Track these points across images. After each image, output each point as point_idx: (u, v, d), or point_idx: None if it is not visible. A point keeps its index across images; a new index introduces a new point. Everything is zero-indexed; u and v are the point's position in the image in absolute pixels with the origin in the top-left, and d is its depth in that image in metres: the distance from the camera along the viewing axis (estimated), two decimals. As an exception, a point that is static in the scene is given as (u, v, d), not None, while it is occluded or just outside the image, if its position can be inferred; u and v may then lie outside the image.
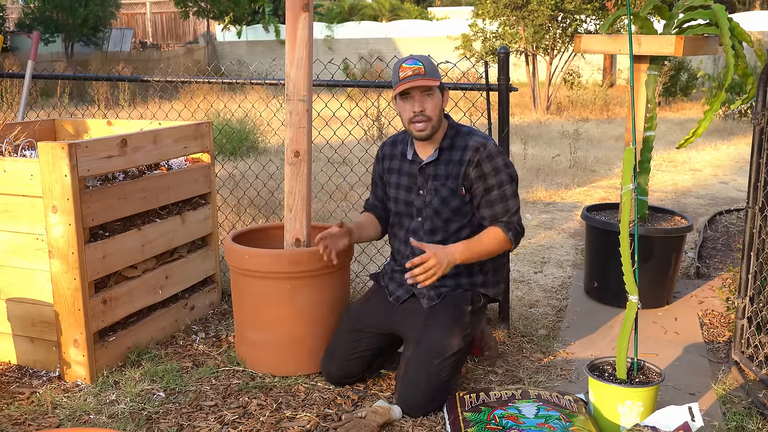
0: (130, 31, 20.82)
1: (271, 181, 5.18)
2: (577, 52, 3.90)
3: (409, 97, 2.65)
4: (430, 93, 2.64)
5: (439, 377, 2.56)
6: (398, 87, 2.64)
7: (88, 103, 11.11)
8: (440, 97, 2.70)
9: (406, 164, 2.83)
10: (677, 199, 6.21)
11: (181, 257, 3.35)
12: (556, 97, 12.75)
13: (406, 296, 2.78)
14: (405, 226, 2.82)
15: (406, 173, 2.82)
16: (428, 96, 2.64)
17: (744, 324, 2.94)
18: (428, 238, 2.73)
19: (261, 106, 8.02)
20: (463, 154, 2.71)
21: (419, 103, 2.64)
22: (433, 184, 2.74)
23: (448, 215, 2.73)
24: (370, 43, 20.30)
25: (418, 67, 2.63)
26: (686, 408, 2.23)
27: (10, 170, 2.76)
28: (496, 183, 2.68)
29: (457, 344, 2.61)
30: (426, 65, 2.64)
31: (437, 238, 2.74)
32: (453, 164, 2.72)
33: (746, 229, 2.89)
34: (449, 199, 2.71)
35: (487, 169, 2.67)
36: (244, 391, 2.76)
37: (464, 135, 2.75)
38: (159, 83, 4.18)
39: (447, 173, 2.72)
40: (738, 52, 3.35)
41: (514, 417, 2.36)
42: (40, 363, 2.93)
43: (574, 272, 4.25)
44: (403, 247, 2.83)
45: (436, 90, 2.66)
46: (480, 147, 2.68)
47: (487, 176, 2.68)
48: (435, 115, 2.67)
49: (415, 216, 2.79)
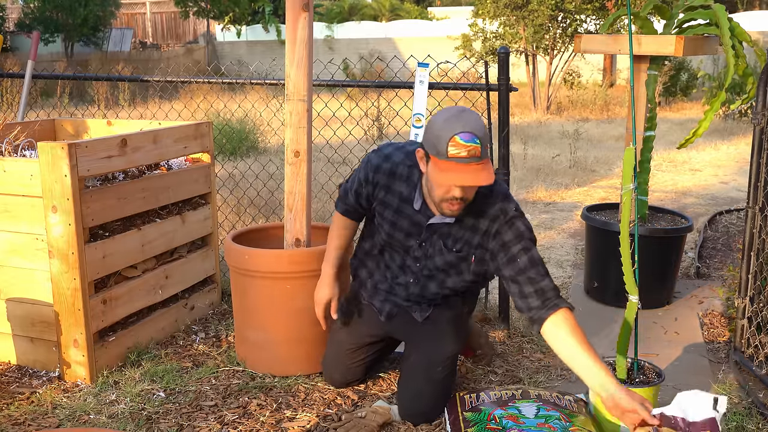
0: (130, 31, 20.82)
1: (271, 181, 5.18)
2: (577, 52, 3.90)
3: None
4: None
5: (441, 383, 2.55)
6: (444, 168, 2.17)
7: (88, 103, 11.11)
8: None
9: (408, 208, 2.45)
10: (677, 199, 6.21)
11: (181, 257, 3.35)
12: (556, 97, 12.74)
13: (396, 310, 2.63)
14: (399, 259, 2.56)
15: (407, 218, 2.46)
16: None
17: (744, 324, 2.94)
18: (425, 281, 2.53)
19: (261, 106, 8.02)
20: (478, 222, 2.38)
21: (468, 190, 2.25)
22: (439, 242, 2.44)
23: (449, 273, 2.50)
24: (370, 43, 20.30)
25: (475, 147, 2.14)
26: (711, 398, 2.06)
27: (10, 170, 2.76)
28: (522, 248, 2.33)
29: (455, 347, 2.60)
30: (483, 141, 2.16)
31: (432, 288, 2.54)
32: (466, 229, 2.41)
33: (746, 229, 2.88)
34: (456, 263, 2.46)
35: (509, 237, 2.34)
36: (244, 391, 2.76)
37: (483, 198, 2.36)
38: (159, 83, 4.18)
39: (458, 237, 2.41)
40: (738, 52, 3.35)
41: (514, 417, 2.36)
42: (40, 363, 2.93)
43: (574, 272, 4.25)
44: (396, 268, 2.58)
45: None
46: (500, 215, 2.36)
47: (509, 244, 2.34)
48: (472, 197, 2.30)
49: (411, 261, 2.53)
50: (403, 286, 2.58)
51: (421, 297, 2.58)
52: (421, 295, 2.57)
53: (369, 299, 2.69)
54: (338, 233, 2.73)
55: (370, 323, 2.70)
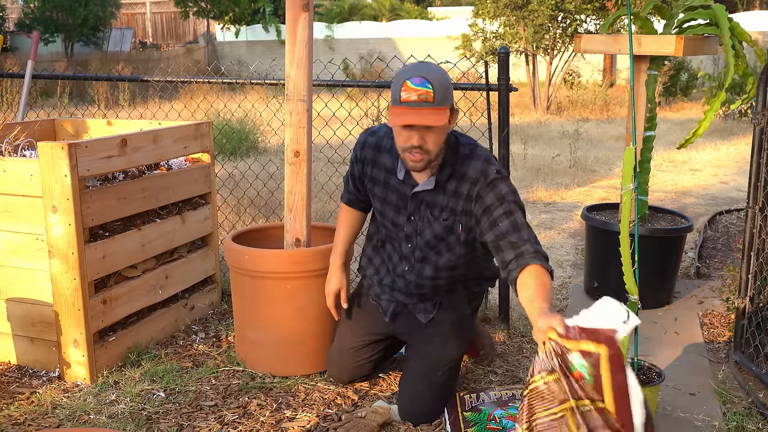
0: (130, 31, 20.82)
1: (271, 181, 5.18)
2: (577, 52, 3.90)
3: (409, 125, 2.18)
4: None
5: (441, 386, 2.55)
6: (395, 113, 2.15)
7: (88, 103, 11.11)
8: (447, 124, 2.20)
9: (394, 180, 2.43)
10: (677, 199, 6.21)
11: (181, 257, 3.35)
12: (556, 97, 12.75)
13: (400, 309, 2.62)
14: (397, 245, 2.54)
15: (394, 190, 2.44)
16: (432, 128, 2.18)
17: (744, 324, 2.94)
18: (419, 267, 2.49)
19: (261, 106, 8.02)
20: (460, 185, 2.33)
21: (419, 135, 2.17)
22: (426, 213, 2.40)
23: (440, 248, 2.44)
24: (370, 43, 20.30)
25: (426, 92, 2.11)
26: (623, 309, 1.78)
27: (10, 170, 2.76)
28: (504, 212, 2.26)
29: (458, 351, 2.60)
30: (436, 87, 2.12)
31: (427, 271, 2.49)
32: (450, 196, 2.36)
33: (746, 229, 2.88)
34: (444, 235, 2.40)
35: (490, 199, 2.27)
36: (244, 391, 2.76)
37: (463, 160, 2.33)
38: (159, 83, 4.18)
39: (443, 205, 2.37)
40: (738, 52, 3.35)
41: (514, 417, 2.36)
42: (40, 363, 2.93)
43: (574, 272, 4.25)
44: (396, 257, 2.56)
45: (443, 117, 2.18)
46: (480, 177, 2.29)
47: (491, 208, 2.27)
48: (435, 148, 2.22)
49: (403, 240, 2.49)
50: (401, 277, 2.56)
51: (419, 287, 2.54)
52: (419, 284, 2.53)
53: (376, 298, 2.69)
54: (345, 224, 2.74)
55: (375, 322, 2.70)
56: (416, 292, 2.58)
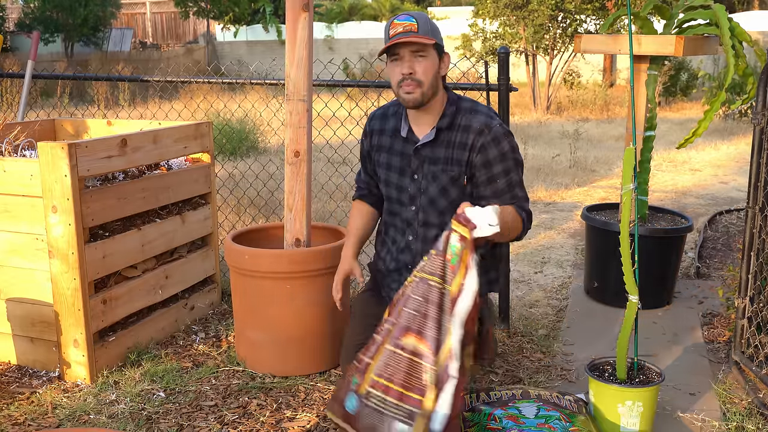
0: (130, 31, 20.83)
1: (271, 181, 5.18)
2: (577, 52, 3.90)
3: (398, 57, 2.31)
4: (423, 54, 2.29)
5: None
6: (386, 45, 2.31)
7: (88, 103, 11.11)
8: (436, 59, 2.34)
9: (398, 142, 2.49)
10: (677, 199, 6.21)
11: (181, 257, 3.35)
12: (556, 97, 12.75)
13: None
14: (399, 214, 2.53)
15: (398, 152, 2.48)
16: (420, 57, 2.30)
17: (744, 324, 2.94)
18: (423, 231, 2.46)
19: (261, 106, 8.03)
20: (464, 137, 2.38)
21: (408, 64, 2.29)
22: (429, 168, 2.42)
23: (444, 206, 2.42)
24: (370, 43, 20.30)
25: (410, 24, 2.29)
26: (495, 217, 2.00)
27: (10, 170, 2.76)
28: (503, 170, 2.36)
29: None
30: (420, 22, 2.30)
31: (431, 233, 2.45)
32: (453, 147, 2.39)
33: (746, 229, 2.88)
34: (448, 187, 2.41)
35: (493, 154, 2.35)
36: (244, 391, 2.76)
37: (466, 112, 2.41)
38: (159, 83, 4.18)
39: (447, 157, 2.40)
40: (738, 52, 3.35)
41: (514, 417, 2.36)
42: (40, 363, 2.93)
43: (574, 272, 4.25)
44: (399, 236, 2.54)
45: (431, 51, 2.31)
46: (484, 129, 2.36)
47: (492, 162, 2.35)
48: (427, 79, 2.32)
49: (407, 204, 2.47)
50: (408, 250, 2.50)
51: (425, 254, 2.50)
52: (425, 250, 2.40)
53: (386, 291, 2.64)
54: (356, 215, 2.69)
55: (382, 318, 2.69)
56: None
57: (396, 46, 2.29)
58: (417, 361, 1.96)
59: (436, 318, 1.98)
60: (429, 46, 2.30)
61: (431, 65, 2.32)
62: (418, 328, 1.99)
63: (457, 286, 1.99)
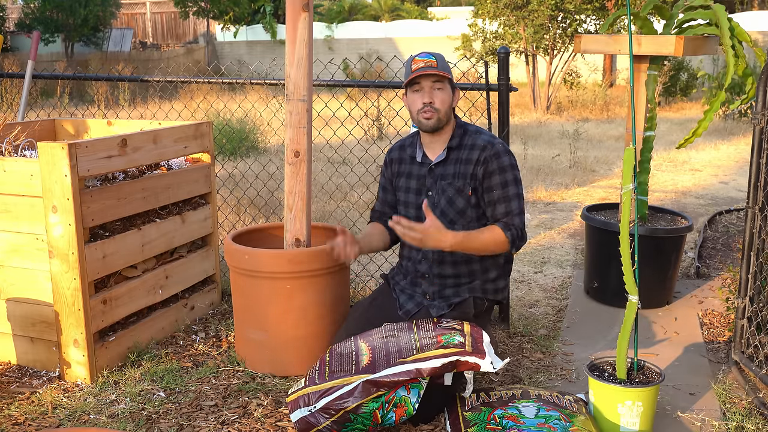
0: (130, 31, 20.83)
1: (271, 181, 5.18)
2: (577, 52, 3.90)
3: (420, 88, 2.69)
4: (440, 87, 2.68)
5: (442, 387, 2.55)
6: (409, 80, 2.70)
7: (88, 103, 11.12)
8: (450, 93, 2.73)
9: (415, 167, 2.84)
10: (677, 199, 6.22)
11: (181, 257, 3.35)
12: (556, 97, 12.75)
13: (417, 310, 2.74)
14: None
15: (415, 176, 2.83)
16: (438, 89, 2.68)
17: (744, 324, 2.94)
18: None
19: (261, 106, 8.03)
20: (470, 153, 2.72)
21: (429, 94, 2.68)
22: (440, 184, 2.75)
23: (452, 216, 2.72)
24: (370, 43, 20.31)
25: (430, 61, 2.69)
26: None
27: (10, 170, 2.76)
28: (500, 182, 2.69)
29: None
30: (438, 60, 2.71)
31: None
32: (461, 163, 2.73)
33: (746, 229, 2.89)
34: (454, 198, 2.72)
35: (493, 167, 2.69)
36: (244, 391, 2.76)
37: (472, 134, 2.78)
38: (159, 83, 4.18)
39: (455, 172, 2.73)
40: (738, 52, 3.35)
41: (514, 417, 2.36)
42: (40, 363, 2.93)
43: (574, 272, 4.25)
44: (414, 252, 2.81)
45: (446, 85, 2.70)
46: (488, 145, 2.71)
47: (491, 175, 2.69)
48: (443, 108, 2.70)
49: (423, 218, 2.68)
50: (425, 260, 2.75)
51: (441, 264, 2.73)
52: (441, 260, 2.73)
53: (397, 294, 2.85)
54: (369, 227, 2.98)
55: (387, 312, 2.79)
56: (438, 272, 2.74)
57: (418, 77, 2.68)
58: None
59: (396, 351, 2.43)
60: (445, 80, 2.70)
61: (447, 97, 2.72)
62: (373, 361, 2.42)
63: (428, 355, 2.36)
